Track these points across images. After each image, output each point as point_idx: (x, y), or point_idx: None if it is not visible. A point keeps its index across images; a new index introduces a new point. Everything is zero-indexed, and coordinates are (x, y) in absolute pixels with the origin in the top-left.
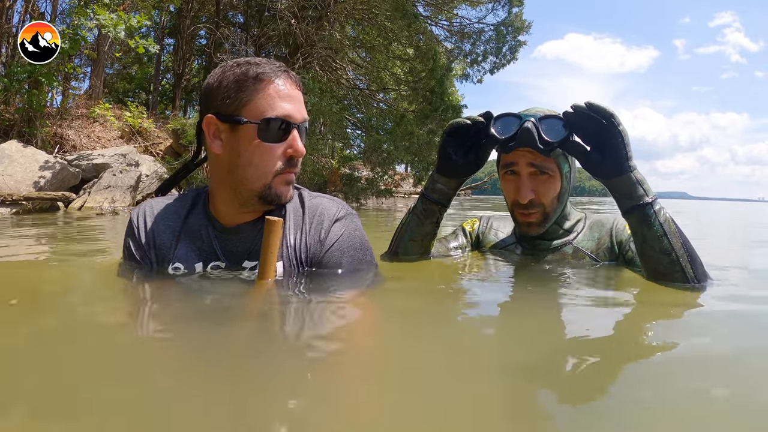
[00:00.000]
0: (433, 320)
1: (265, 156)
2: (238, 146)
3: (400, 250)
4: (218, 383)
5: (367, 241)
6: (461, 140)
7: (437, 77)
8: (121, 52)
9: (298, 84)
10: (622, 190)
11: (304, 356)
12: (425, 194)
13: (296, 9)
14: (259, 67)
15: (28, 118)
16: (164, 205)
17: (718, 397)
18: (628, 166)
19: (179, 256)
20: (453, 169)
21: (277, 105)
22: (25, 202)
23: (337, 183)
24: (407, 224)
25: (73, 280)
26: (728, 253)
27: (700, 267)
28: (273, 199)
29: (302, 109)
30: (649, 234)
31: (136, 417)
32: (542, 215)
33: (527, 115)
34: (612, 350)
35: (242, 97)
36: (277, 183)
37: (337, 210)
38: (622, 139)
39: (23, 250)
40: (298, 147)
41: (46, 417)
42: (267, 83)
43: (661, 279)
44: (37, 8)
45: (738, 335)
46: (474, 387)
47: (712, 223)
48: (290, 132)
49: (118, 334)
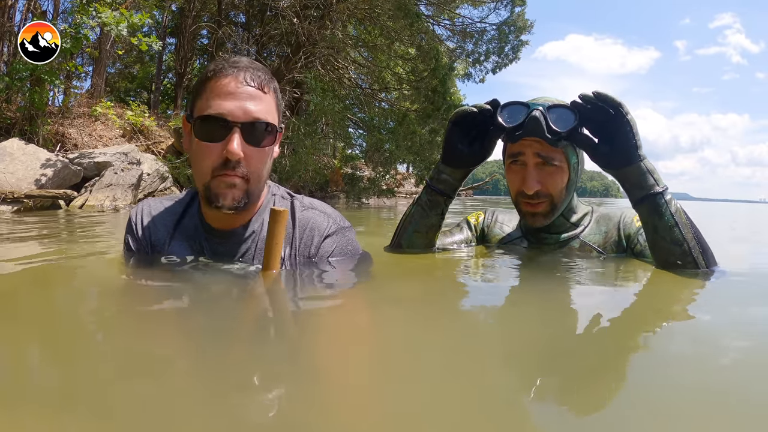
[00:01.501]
0: (435, 313)
1: (200, 155)
2: (188, 144)
3: (404, 242)
4: (216, 374)
5: (363, 253)
6: (467, 129)
7: (439, 77)
8: (123, 51)
9: (257, 80)
10: (632, 180)
11: (303, 347)
12: (430, 185)
13: (298, 8)
14: (215, 65)
15: (30, 116)
16: (162, 204)
17: (726, 392)
18: (638, 155)
19: (172, 253)
20: (459, 159)
21: (213, 103)
22: (26, 199)
23: (338, 182)
24: (411, 216)
25: (74, 277)
26: (737, 253)
27: (712, 258)
28: (212, 200)
29: (253, 107)
30: (660, 224)
31: (139, 408)
32: (549, 206)
33: (535, 104)
34: (617, 343)
35: (195, 96)
36: (215, 184)
37: (327, 225)
38: (630, 129)
39: (25, 248)
40: (230, 148)
41: (47, 412)
42: (214, 81)
43: (672, 269)
44: (39, 7)
45: (753, 331)
46: (473, 380)
47: (717, 223)
48: (228, 132)
49: (120, 327)
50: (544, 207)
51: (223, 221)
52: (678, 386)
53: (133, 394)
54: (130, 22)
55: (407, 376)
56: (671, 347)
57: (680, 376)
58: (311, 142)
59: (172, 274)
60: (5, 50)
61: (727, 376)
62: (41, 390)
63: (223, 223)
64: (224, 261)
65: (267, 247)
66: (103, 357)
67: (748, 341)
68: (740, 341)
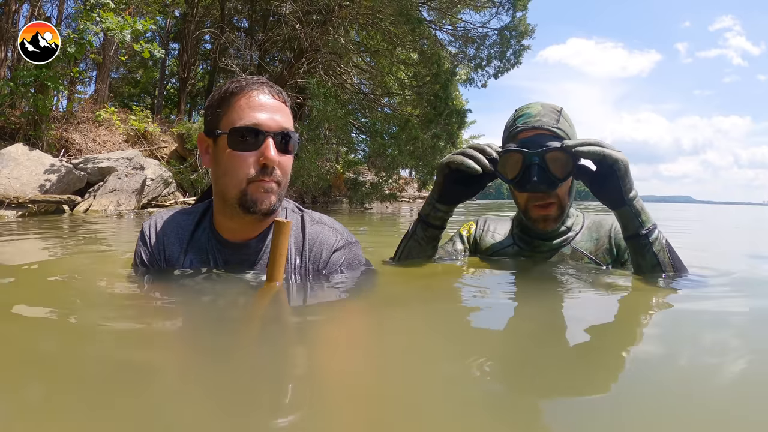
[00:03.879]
0: (430, 320)
1: (236, 164)
2: (218, 157)
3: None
4: (221, 382)
5: (369, 268)
6: (464, 173)
7: (441, 82)
8: (126, 56)
9: (279, 95)
10: (620, 220)
11: (302, 361)
12: (428, 222)
13: (301, 14)
14: (238, 82)
15: (34, 121)
16: (174, 218)
17: (717, 395)
18: (624, 200)
19: (186, 265)
20: (455, 196)
21: (246, 115)
22: (30, 204)
23: (341, 187)
24: (408, 251)
25: (80, 282)
26: (737, 256)
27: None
28: (250, 206)
29: (280, 119)
30: (643, 263)
31: (143, 414)
32: (559, 208)
33: (532, 156)
34: (607, 349)
35: (220, 112)
36: (252, 190)
37: (336, 240)
38: (617, 177)
39: (31, 253)
40: (268, 155)
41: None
42: (240, 96)
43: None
44: (43, 12)
45: (741, 335)
46: (465, 387)
47: (725, 226)
48: (262, 140)
49: (125, 335)
50: (555, 210)
51: (237, 233)
52: (665, 392)
53: (136, 401)
54: (133, 28)
55: (411, 384)
56: (660, 355)
57: (667, 382)
58: (314, 148)
59: (184, 284)
60: (9, 56)
61: (725, 381)
62: (44, 399)
63: (237, 236)
64: (236, 271)
65: (271, 258)
66: (107, 366)
67: (748, 345)
68: (736, 345)
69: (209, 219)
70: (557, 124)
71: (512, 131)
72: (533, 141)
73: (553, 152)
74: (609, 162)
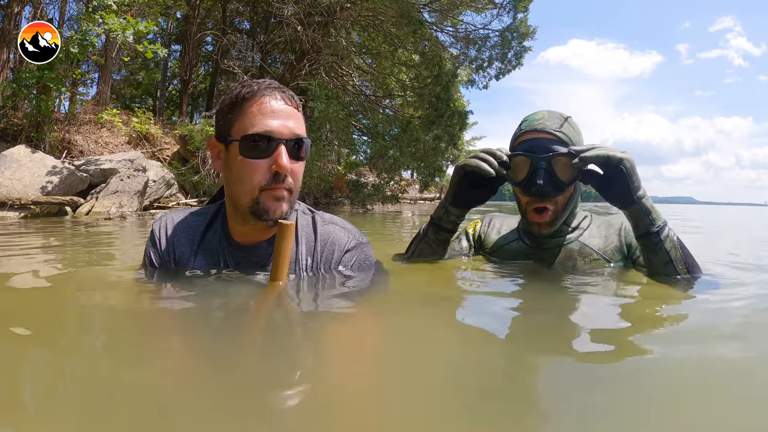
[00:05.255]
0: (436, 322)
1: (248, 171)
2: (229, 163)
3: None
4: (223, 382)
5: (380, 270)
6: (478, 175)
7: (443, 83)
8: (128, 58)
9: (292, 101)
10: (631, 219)
11: (306, 360)
12: (439, 226)
13: (302, 15)
14: (250, 87)
15: (36, 123)
16: (185, 219)
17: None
18: (633, 199)
19: (196, 267)
20: (468, 200)
21: (258, 122)
22: (33, 206)
23: (343, 189)
24: (419, 252)
25: (85, 283)
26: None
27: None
28: (261, 214)
29: (293, 125)
30: (655, 260)
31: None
32: (553, 214)
33: (539, 159)
34: (613, 353)
35: (231, 117)
36: (264, 198)
37: (347, 240)
38: (624, 176)
39: (34, 256)
40: (281, 162)
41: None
42: (252, 102)
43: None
44: (45, 14)
45: (750, 336)
46: (471, 391)
47: (725, 227)
48: (275, 147)
49: (131, 334)
50: (549, 216)
51: (249, 236)
52: (666, 393)
53: (144, 398)
54: (135, 29)
55: (405, 388)
56: (665, 354)
57: (671, 384)
58: (316, 149)
59: (194, 285)
60: (11, 57)
61: (731, 380)
62: (54, 399)
63: (249, 238)
64: (246, 272)
65: (274, 260)
66: (115, 364)
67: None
68: (743, 347)
69: (221, 221)
70: (560, 128)
71: (516, 134)
72: (537, 144)
73: (559, 157)
74: (615, 162)
